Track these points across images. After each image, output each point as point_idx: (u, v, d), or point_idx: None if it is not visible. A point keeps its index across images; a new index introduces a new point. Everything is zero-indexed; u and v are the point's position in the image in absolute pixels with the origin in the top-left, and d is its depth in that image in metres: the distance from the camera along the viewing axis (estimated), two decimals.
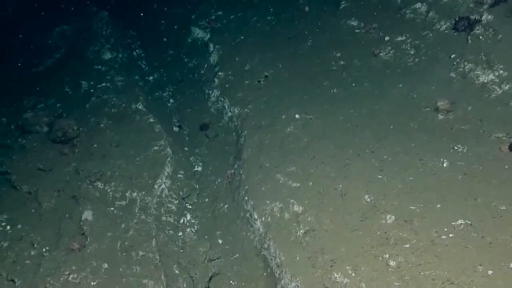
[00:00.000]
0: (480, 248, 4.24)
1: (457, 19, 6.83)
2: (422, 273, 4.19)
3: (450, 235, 4.45)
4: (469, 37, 6.57)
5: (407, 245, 4.48)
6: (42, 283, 5.12)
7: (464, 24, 6.73)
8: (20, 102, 8.44)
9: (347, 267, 4.53)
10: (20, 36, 9.89)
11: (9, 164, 6.92)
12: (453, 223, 4.54)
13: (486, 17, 6.54)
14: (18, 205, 6.34)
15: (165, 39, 10.43)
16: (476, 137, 5.49)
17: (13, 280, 5.32)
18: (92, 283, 5.14)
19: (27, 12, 10.23)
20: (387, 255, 4.46)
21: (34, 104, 8.28)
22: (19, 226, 6.00)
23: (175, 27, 10.48)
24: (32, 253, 5.64)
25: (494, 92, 5.89)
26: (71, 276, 5.16)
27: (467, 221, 4.51)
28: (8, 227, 6.01)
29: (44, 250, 5.65)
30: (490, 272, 4.01)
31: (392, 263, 4.37)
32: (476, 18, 6.64)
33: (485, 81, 6.05)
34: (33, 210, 6.24)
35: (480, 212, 4.56)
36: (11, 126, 7.83)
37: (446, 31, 6.97)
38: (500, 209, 4.53)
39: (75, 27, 10.10)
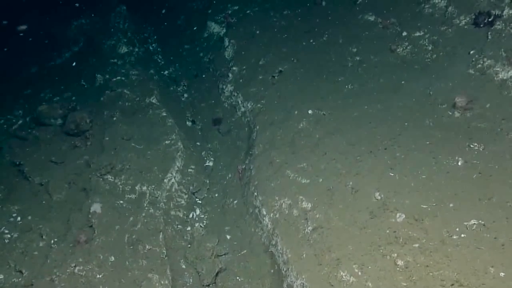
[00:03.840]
0: (492, 249, 4.07)
1: (477, 14, 6.62)
2: (431, 274, 4.04)
3: (462, 235, 4.29)
4: (489, 33, 6.35)
5: (417, 245, 4.34)
6: (48, 274, 5.11)
7: (485, 19, 6.51)
8: (38, 94, 8.53)
9: (353, 266, 4.41)
10: (39, 29, 9.98)
11: (22, 155, 6.99)
12: (466, 223, 4.38)
13: (508, 11, 6.31)
14: (30, 197, 6.39)
15: (181, 34, 10.40)
16: (494, 135, 5.29)
17: (20, 271, 5.33)
18: (98, 276, 5.11)
19: (46, 5, 10.29)
20: (395, 254, 4.32)
21: (50, 97, 8.36)
22: (29, 217, 6.03)
23: (192, 21, 10.43)
24: (41, 244, 5.64)
25: None
26: (77, 268, 5.14)
27: (480, 221, 4.34)
28: (19, 218, 6.05)
29: (52, 241, 5.65)
30: (502, 274, 3.84)
31: (400, 262, 4.24)
32: (497, 13, 6.42)
33: (505, 77, 5.84)
34: (43, 202, 6.27)
35: (494, 212, 4.39)
36: (27, 119, 7.90)
37: (465, 26, 6.76)
38: None
39: (93, 20, 10.16)
